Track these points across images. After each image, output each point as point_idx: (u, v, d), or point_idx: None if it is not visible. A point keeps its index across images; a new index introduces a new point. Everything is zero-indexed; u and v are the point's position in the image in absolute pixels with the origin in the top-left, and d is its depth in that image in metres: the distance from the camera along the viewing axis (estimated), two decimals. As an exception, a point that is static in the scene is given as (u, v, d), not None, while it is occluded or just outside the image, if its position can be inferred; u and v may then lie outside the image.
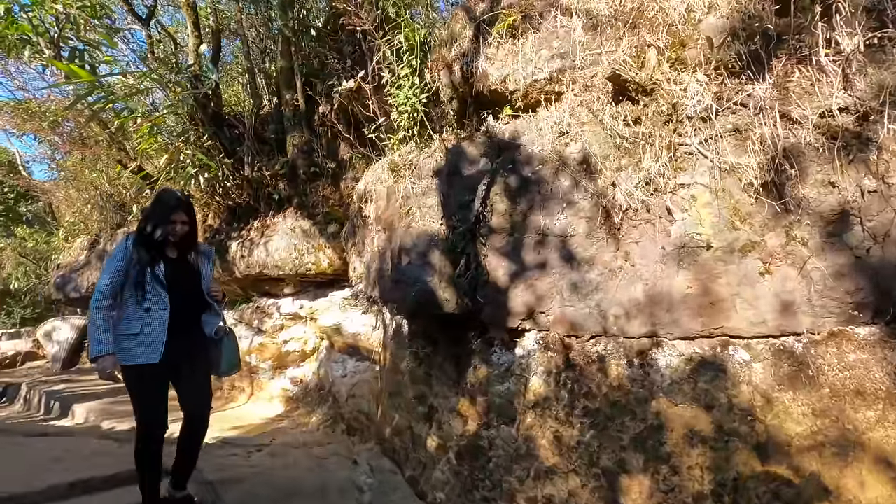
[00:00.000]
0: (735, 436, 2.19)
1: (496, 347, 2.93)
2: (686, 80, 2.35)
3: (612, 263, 2.53)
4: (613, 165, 2.54)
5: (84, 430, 4.82)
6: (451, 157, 2.97)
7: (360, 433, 4.41)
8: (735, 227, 2.30)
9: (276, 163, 5.39)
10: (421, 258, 2.83)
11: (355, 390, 4.84)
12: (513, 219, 2.71)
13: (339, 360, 5.38)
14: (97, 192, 6.59)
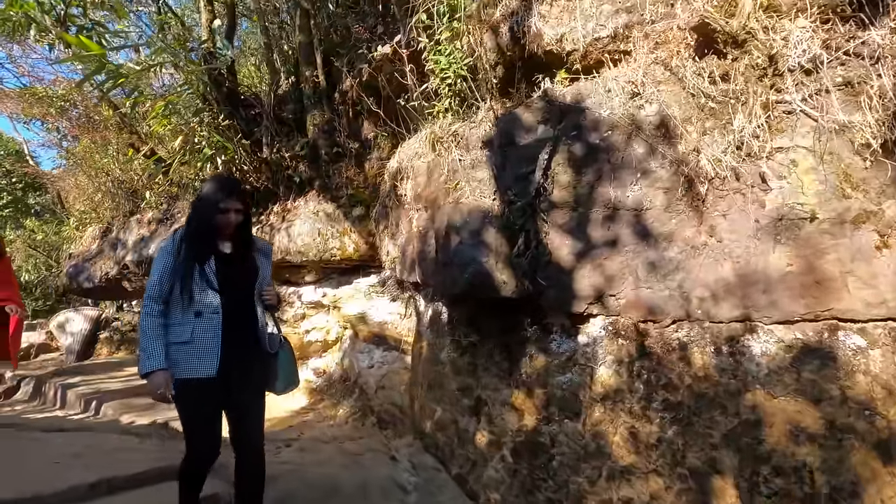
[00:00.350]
0: (850, 432, 1.92)
1: (555, 335, 2.66)
2: (788, 28, 2.04)
3: (694, 239, 2.25)
4: (696, 129, 2.25)
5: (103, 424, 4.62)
6: (504, 126, 2.68)
7: (393, 426, 4.19)
8: (846, 196, 2.01)
9: (295, 143, 5.12)
10: (473, 237, 2.56)
11: (385, 381, 4.61)
12: (577, 191, 2.42)
13: (364, 350, 5.15)
14: (108, 178, 6.35)
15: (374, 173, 4.73)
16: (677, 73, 2.27)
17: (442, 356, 3.42)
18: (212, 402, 1.97)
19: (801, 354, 2.05)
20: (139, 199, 6.38)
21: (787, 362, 2.06)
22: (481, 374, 3.04)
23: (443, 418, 3.27)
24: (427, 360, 3.63)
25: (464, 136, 2.83)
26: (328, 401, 5.15)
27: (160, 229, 5.97)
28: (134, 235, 6.13)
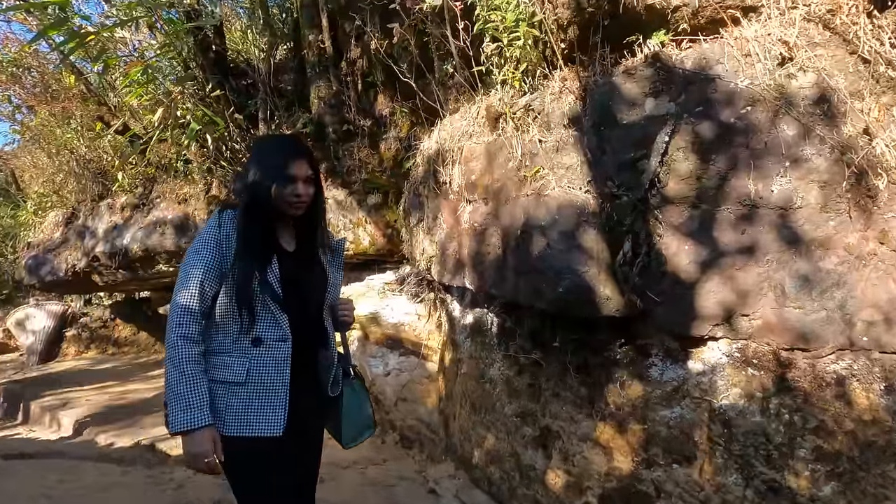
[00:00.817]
0: None
1: (655, 359, 2.18)
2: None
3: (860, 247, 1.78)
4: (868, 105, 1.75)
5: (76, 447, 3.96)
6: (600, 99, 2.14)
7: (420, 446, 3.68)
8: None
9: (297, 119, 4.44)
10: (566, 240, 2.03)
11: (406, 392, 4.09)
12: (702, 184, 1.91)
13: (377, 354, 4.60)
14: (72, 156, 5.51)
15: (391, 155, 4.12)
16: (844, 32, 1.76)
17: (491, 373, 2.92)
18: (276, 465, 1.36)
19: None
20: (109, 180, 5.59)
21: None
22: (549, 400, 2.55)
23: (497, 448, 2.78)
24: (468, 375, 3.12)
25: (542, 112, 2.28)
26: (336, 411, 4.61)
27: (136, 216, 5.23)
28: (105, 223, 5.36)
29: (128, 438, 3.93)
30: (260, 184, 1.38)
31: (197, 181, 4.93)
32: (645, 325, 2.19)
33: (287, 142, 1.59)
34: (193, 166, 4.91)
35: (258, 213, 1.38)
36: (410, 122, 4.10)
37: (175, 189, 5.07)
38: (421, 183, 3.13)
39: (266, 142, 1.62)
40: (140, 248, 5.02)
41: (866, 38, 1.73)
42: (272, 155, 1.43)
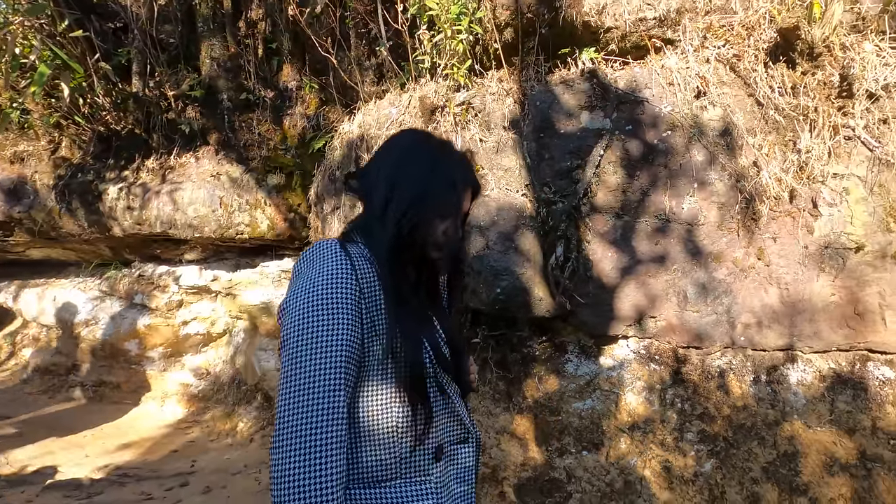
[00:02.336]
0: (878, 461, 1.97)
1: (571, 354, 2.34)
2: (868, 49, 1.94)
3: (743, 262, 2.10)
4: (758, 141, 2.07)
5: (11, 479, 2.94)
6: (539, 106, 2.20)
7: (319, 444, 3.49)
8: (889, 230, 2.02)
9: (182, 79, 3.86)
10: (505, 241, 2.06)
11: (303, 388, 3.84)
12: (627, 196, 2.09)
13: (267, 346, 4.25)
14: None
15: (297, 133, 3.80)
16: (745, 77, 2.04)
17: (405, 368, 2.88)
18: None
19: (834, 384, 2.05)
20: None
21: (821, 392, 2.05)
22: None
23: (410, 444, 2.75)
24: (379, 370, 3.04)
25: (483, 111, 2.27)
26: (216, 410, 4.15)
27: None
28: None
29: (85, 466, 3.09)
30: (423, 215, 0.90)
31: (40, 137, 4.02)
32: (564, 323, 2.35)
33: (462, 160, 1.00)
34: (34, 118, 3.99)
35: (419, 257, 0.92)
36: (320, 99, 3.82)
37: (5, 144, 4.07)
38: (339, 168, 2.93)
39: (429, 151, 0.96)
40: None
41: (762, 84, 2.03)
42: (443, 176, 0.93)
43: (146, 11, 3.75)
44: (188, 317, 4.43)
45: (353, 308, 0.82)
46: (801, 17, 2.00)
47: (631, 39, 2.33)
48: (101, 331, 4.43)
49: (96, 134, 4.01)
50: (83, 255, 4.72)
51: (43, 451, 3.38)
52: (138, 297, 4.40)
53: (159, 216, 3.66)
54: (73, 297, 4.64)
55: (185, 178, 3.73)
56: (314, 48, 3.54)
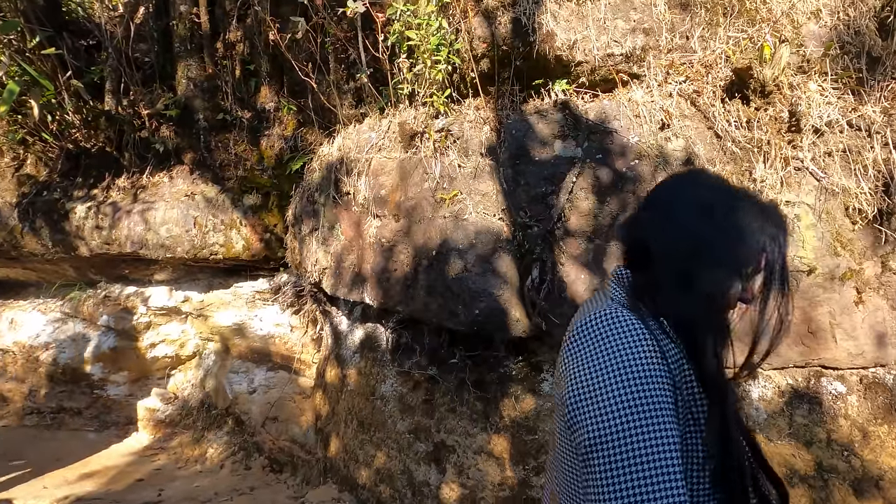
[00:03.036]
0: (833, 472, 2.09)
1: (547, 374, 2.41)
2: (812, 88, 2.12)
3: (706, 283, 2.22)
4: (718, 171, 2.21)
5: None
6: (516, 135, 2.30)
7: (293, 469, 3.43)
8: (836, 253, 2.18)
9: (157, 98, 3.83)
10: (482, 264, 2.12)
11: (276, 411, 3.77)
12: (598, 221, 2.20)
13: (240, 369, 4.17)
14: None
15: (274, 154, 3.82)
16: (705, 111, 2.20)
17: (383, 389, 2.88)
18: None
19: (792, 399, 2.17)
20: None
21: (780, 407, 2.17)
22: (445, 415, 2.62)
23: (388, 466, 2.74)
24: (356, 392, 3.03)
25: (461, 138, 2.35)
26: (184, 436, 4.02)
27: None
28: None
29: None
30: (726, 281, 0.81)
31: (4, 153, 3.90)
32: (539, 343, 2.41)
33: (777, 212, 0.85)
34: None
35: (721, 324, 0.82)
36: (297, 121, 3.86)
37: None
38: (317, 190, 2.96)
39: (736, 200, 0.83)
40: None
41: (720, 118, 2.18)
42: (749, 238, 0.80)
43: (122, 30, 3.73)
44: (156, 339, 4.31)
45: (671, 404, 0.68)
46: (753, 59, 2.17)
47: (600, 73, 2.47)
48: (63, 354, 4.25)
49: (64, 151, 3.91)
50: (45, 276, 4.54)
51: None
52: (103, 318, 4.25)
53: (130, 236, 3.59)
54: (32, 319, 4.44)
55: (157, 198, 3.67)
56: (293, 71, 3.59)
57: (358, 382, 3.02)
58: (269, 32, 3.06)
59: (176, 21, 3.84)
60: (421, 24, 2.56)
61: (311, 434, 3.50)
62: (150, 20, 4.07)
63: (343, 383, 3.16)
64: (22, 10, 3.58)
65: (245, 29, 4.05)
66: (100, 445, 3.90)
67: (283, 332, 4.05)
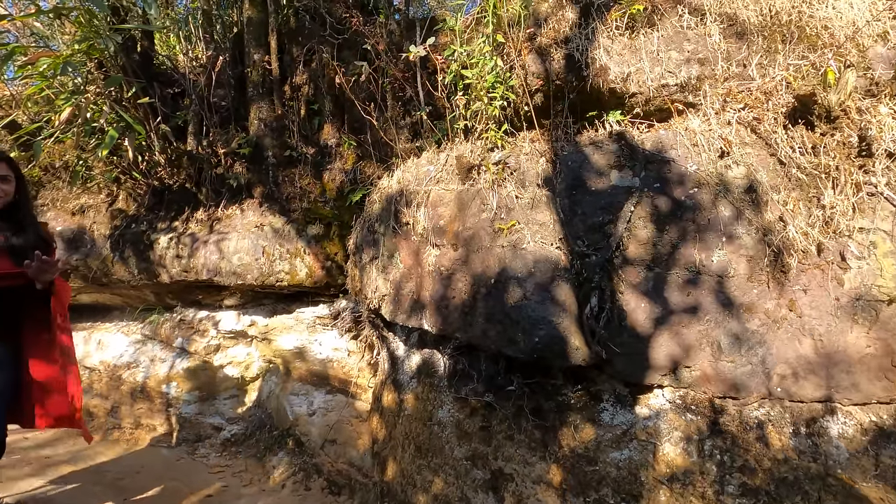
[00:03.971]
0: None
1: (607, 403, 2.38)
2: (883, 112, 2.06)
3: (775, 313, 2.16)
4: (782, 198, 2.17)
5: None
6: (572, 166, 2.36)
7: (351, 492, 3.51)
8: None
9: (232, 138, 4.18)
10: (541, 292, 2.17)
11: (335, 434, 3.89)
12: (657, 250, 2.19)
13: (300, 391, 4.34)
14: (-74, 146, 4.53)
15: (335, 187, 4.05)
16: (766, 138, 2.18)
17: (440, 415, 2.93)
18: None
19: (877, 438, 2.04)
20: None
21: (864, 446, 2.04)
22: (502, 443, 2.63)
23: (446, 493, 2.76)
24: (413, 417, 3.09)
25: (518, 170, 2.44)
26: (248, 454, 4.21)
27: (11, 224, 4.43)
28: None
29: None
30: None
31: (100, 191, 4.36)
32: (599, 372, 2.40)
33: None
34: (96, 174, 4.34)
35: None
36: (357, 155, 4.09)
37: (69, 197, 4.42)
38: (377, 220, 3.12)
39: None
40: (14, 263, 4.25)
41: (783, 145, 2.15)
42: None
43: (204, 79, 4.14)
44: (224, 360, 4.58)
45: None
46: (816, 84, 2.15)
47: (655, 103, 2.51)
48: (142, 374, 4.60)
49: (151, 188, 4.33)
50: (128, 301, 4.96)
51: (83, 495, 3.47)
52: (178, 341, 4.58)
53: (206, 264, 3.89)
54: (116, 340, 4.85)
55: (230, 229, 3.97)
56: (353, 109, 3.85)
57: (415, 407, 3.09)
58: (333, 75, 3.31)
59: (250, 68, 4.22)
60: (476, 63, 2.70)
61: (367, 458, 3.58)
62: (227, 68, 4.49)
63: (400, 408, 3.23)
64: (122, 66, 4.06)
65: (310, 72, 4.38)
66: (172, 461, 4.14)
67: (340, 357, 4.20)
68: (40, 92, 3.84)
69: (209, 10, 4.35)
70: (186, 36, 4.44)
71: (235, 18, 4.60)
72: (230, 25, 4.58)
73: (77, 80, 3.88)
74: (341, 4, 4.24)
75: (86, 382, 5.13)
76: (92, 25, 3.73)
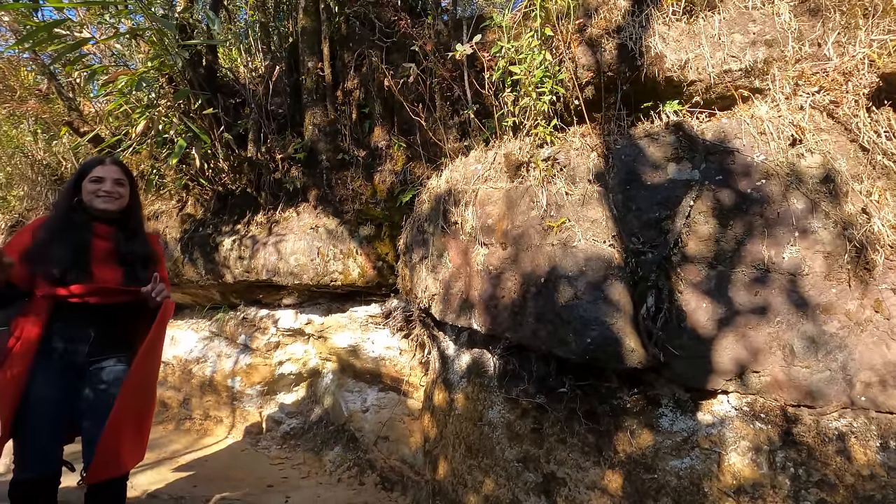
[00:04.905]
0: None
1: (666, 408, 2.26)
2: None
3: (857, 314, 1.96)
4: (867, 188, 1.97)
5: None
6: (626, 160, 2.26)
7: (403, 489, 3.56)
8: None
9: (289, 144, 4.36)
10: (593, 291, 2.09)
11: (388, 431, 3.96)
12: (720, 246, 2.05)
13: (354, 388, 4.46)
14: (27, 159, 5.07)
15: (386, 188, 4.12)
16: (846, 122, 1.98)
17: (490, 415, 2.90)
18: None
19: (985, 456, 1.81)
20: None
21: (968, 464, 1.81)
22: (554, 446, 2.57)
23: (497, 494, 2.74)
24: (463, 416, 3.09)
25: (568, 166, 2.38)
26: (305, 448, 4.38)
27: (96, 230, 4.84)
28: (58, 234, 4.93)
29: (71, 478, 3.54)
30: None
31: (171, 197, 4.68)
32: (656, 375, 2.29)
33: None
34: (168, 182, 4.67)
35: None
36: (406, 156, 4.14)
37: (145, 204, 4.78)
38: (426, 220, 3.14)
39: None
40: (99, 265, 4.66)
41: (865, 129, 1.96)
42: None
43: (262, 88, 4.34)
44: (283, 357, 4.78)
45: None
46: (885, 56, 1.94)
47: (716, 91, 2.36)
48: (210, 368, 4.89)
49: (216, 193, 4.60)
50: (197, 300, 5.30)
51: (160, 479, 3.74)
52: (242, 338, 4.83)
53: (265, 265, 4.08)
54: (187, 336, 5.19)
55: (288, 231, 4.14)
56: (402, 110, 3.90)
57: (465, 407, 3.08)
58: (382, 78, 3.36)
59: (304, 76, 4.38)
60: (524, 59, 2.65)
61: (419, 455, 3.61)
62: (283, 77, 4.68)
63: (450, 407, 3.23)
64: (189, 79, 4.33)
65: (360, 77, 4.48)
66: (236, 451, 4.37)
67: (392, 355, 4.26)
68: (119, 107, 4.18)
69: (266, 22, 4.55)
70: (246, 48, 4.67)
71: (290, 29, 4.80)
72: (286, 36, 4.78)
73: (150, 94, 4.18)
74: (390, 8, 4.31)
75: (161, 375, 5.53)
76: (162, 43, 4.01)
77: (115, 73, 3.70)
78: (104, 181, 1.94)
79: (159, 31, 3.97)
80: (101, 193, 1.92)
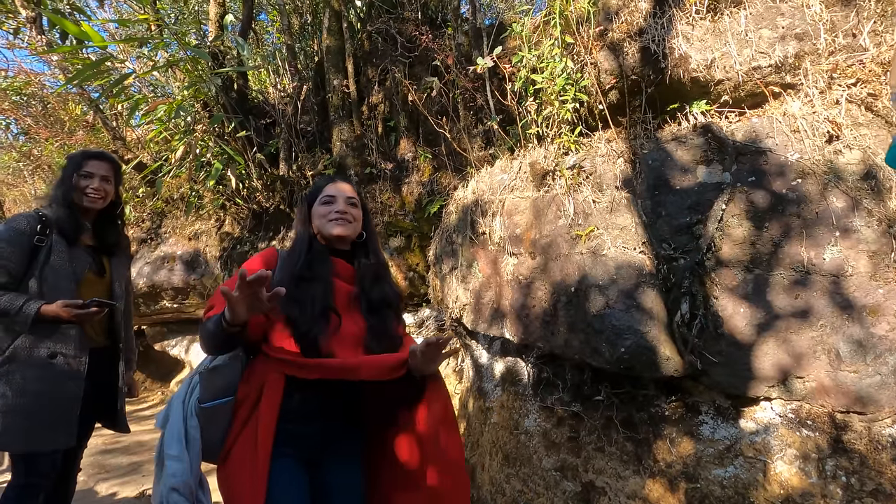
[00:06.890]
0: None
1: (706, 416, 2.22)
2: None
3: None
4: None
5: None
6: (653, 164, 2.24)
7: (442, 497, 3.59)
8: None
9: (318, 160, 4.48)
10: (626, 299, 2.08)
11: (424, 439, 4.01)
12: (756, 249, 2.00)
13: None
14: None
15: (413, 199, 4.19)
16: (886, 115, 1.90)
17: (526, 424, 2.90)
18: None
19: None
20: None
21: None
22: (592, 454, 2.55)
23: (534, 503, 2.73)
24: (499, 425, 3.10)
25: (594, 173, 2.37)
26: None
27: (142, 251, 5.12)
28: (108, 257, 5.22)
29: (132, 488, 3.73)
30: None
31: (210, 217, 4.89)
32: (695, 382, 2.24)
33: None
34: (206, 202, 4.87)
35: None
36: (432, 166, 4.20)
37: (186, 224, 5.01)
38: (455, 231, 3.17)
39: None
40: (146, 284, 4.90)
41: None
42: None
43: (291, 108, 4.48)
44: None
45: None
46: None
47: (745, 89, 2.31)
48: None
49: (251, 212, 4.77)
50: (237, 314, 5.50)
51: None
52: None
53: (300, 279, 4.19)
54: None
55: (320, 245, 4.25)
56: (427, 122, 3.95)
57: (501, 416, 3.09)
58: (406, 92, 3.43)
59: (331, 94, 4.50)
60: (546, 67, 2.66)
61: (457, 464, 3.63)
62: (310, 96, 4.83)
63: (486, 416, 3.25)
64: (222, 104, 4.52)
65: (385, 91, 4.57)
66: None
67: (426, 364, 4.31)
68: (159, 134, 4.40)
69: (292, 43, 4.70)
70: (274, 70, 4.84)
71: (315, 48, 4.94)
72: (311, 55, 4.92)
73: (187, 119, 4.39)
74: (411, 23, 4.39)
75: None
76: (197, 71, 4.21)
77: (154, 103, 3.91)
78: (336, 201, 1.45)
79: (193, 59, 4.17)
80: (333, 216, 1.43)
